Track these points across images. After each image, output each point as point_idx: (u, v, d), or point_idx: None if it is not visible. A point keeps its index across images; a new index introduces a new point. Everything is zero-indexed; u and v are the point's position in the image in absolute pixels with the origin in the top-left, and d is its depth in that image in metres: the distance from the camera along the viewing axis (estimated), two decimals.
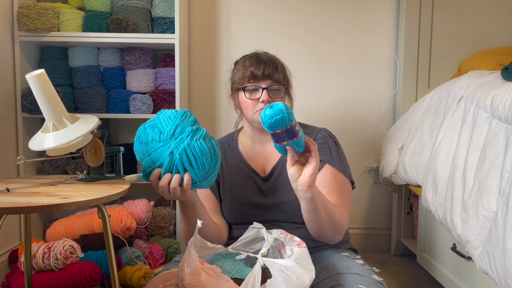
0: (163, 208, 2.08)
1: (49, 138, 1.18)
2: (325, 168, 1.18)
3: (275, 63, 1.22)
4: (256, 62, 1.21)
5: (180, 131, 1.02)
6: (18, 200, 1.01)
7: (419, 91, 2.24)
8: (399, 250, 2.30)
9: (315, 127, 1.30)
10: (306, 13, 2.32)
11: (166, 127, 1.03)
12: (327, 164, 1.18)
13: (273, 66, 1.20)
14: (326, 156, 1.19)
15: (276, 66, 1.21)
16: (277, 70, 1.20)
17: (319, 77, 2.33)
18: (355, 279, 0.99)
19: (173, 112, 1.06)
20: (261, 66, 1.19)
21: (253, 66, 1.20)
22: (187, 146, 0.99)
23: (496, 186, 1.14)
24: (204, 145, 1.00)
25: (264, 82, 1.19)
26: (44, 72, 1.17)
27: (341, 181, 1.18)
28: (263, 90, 1.18)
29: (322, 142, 1.22)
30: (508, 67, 1.40)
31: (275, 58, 1.25)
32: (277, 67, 1.21)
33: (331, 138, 1.25)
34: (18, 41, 1.96)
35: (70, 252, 1.56)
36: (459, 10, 2.24)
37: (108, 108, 2.11)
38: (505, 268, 1.03)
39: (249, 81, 1.20)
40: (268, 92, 1.18)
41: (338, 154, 1.22)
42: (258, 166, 1.26)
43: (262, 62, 1.20)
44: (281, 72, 1.22)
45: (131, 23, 2.01)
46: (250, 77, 1.19)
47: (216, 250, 1.04)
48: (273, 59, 1.24)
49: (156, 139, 1.05)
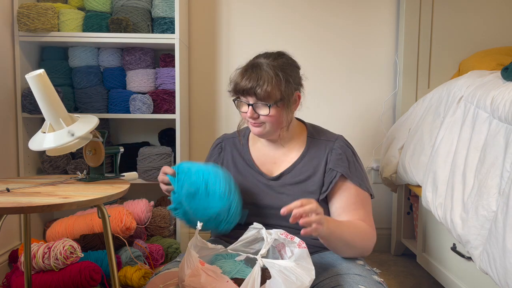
0: (163, 208, 2.08)
1: (49, 138, 1.18)
2: (346, 185, 1.16)
3: (259, 77, 1.09)
4: (243, 73, 1.13)
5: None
6: (18, 200, 1.01)
7: (419, 91, 2.24)
8: (399, 250, 2.30)
9: (331, 134, 1.26)
10: (306, 13, 2.32)
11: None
12: (348, 181, 1.16)
13: (256, 81, 1.09)
14: (345, 169, 1.16)
15: (259, 81, 1.09)
16: (259, 86, 1.09)
17: (319, 77, 2.33)
18: (355, 280, 0.99)
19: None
20: (243, 80, 1.11)
21: (239, 77, 1.13)
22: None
23: (496, 186, 1.14)
24: None
25: (250, 98, 1.12)
26: (44, 72, 1.17)
27: (363, 196, 1.17)
28: (249, 106, 1.13)
29: (340, 153, 1.19)
30: (508, 67, 1.40)
31: (266, 70, 1.10)
32: (259, 83, 1.09)
33: (349, 149, 1.21)
34: (18, 41, 1.96)
35: (70, 252, 1.56)
36: (459, 10, 2.24)
37: (108, 108, 2.11)
38: (505, 268, 1.03)
39: (236, 93, 1.15)
40: (253, 108, 1.12)
41: (356, 167, 1.19)
42: (266, 168, 1.23)
43: (246, 75, 1.11)
44: (266, 87, 1.09)
45: (131, 23, 2.01)
46: (236, 90, 1.14)
47: (217, 251, 1.04)
48: (260, 71, 1.10)
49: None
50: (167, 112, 2.07)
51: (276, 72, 1.11)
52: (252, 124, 1.17)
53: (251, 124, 1.17)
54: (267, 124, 1.15)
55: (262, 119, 1.14)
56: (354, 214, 1.15)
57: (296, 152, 1.22)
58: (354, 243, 1.09)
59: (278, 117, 1.14)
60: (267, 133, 1.17)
